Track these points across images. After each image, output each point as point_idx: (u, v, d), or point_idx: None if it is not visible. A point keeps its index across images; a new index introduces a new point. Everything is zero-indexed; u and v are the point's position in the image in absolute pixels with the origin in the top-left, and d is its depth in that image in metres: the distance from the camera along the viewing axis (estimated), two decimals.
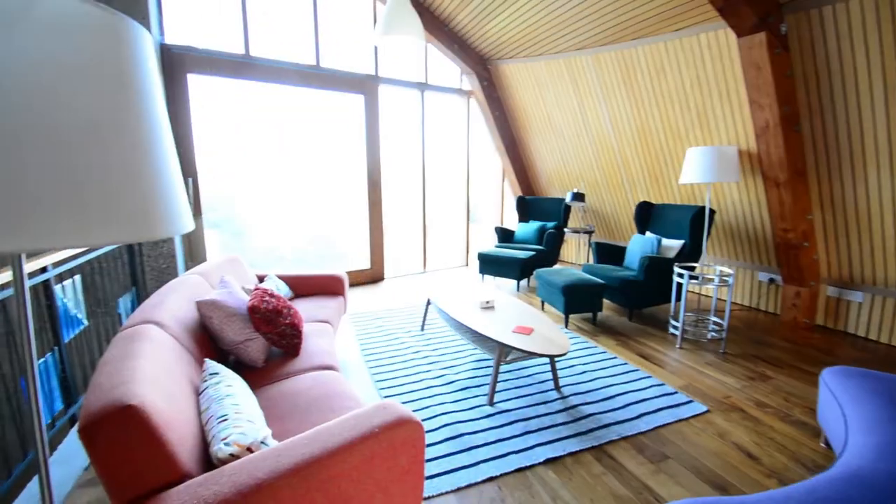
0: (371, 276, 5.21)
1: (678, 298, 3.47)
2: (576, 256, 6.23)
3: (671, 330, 3.49)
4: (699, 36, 3.44)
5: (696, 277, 3.21)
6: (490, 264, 4.87)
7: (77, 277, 2.30)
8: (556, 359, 2.90)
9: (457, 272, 5.81)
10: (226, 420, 1.26)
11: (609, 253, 4.46)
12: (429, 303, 3.46)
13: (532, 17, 4.24)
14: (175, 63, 3.80)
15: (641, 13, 3.56)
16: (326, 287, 3.08)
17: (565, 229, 5.32)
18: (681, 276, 3.26)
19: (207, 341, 1.86)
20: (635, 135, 4.53)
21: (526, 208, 5.75)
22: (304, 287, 3.04)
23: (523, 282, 5.18)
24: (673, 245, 3.94)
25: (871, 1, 2.54)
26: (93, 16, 0.63)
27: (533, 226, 5.34)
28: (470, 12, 4.64)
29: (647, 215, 4.41)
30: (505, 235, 5.50)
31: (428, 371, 2.78)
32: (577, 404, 2.39)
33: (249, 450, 1.17)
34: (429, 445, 2.00)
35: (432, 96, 5.56)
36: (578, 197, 5.18)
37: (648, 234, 4.30)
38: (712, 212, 3.89)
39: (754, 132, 3.34)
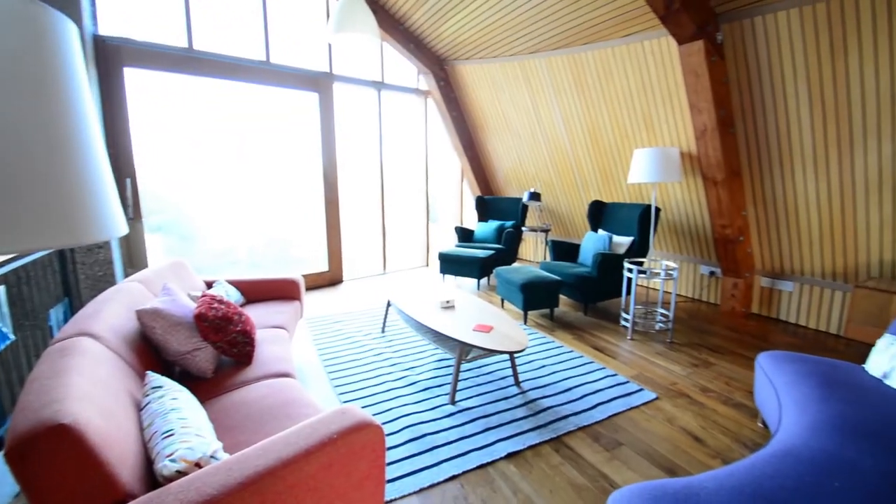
0: (329, 279, 5.09)
1: (628, 292, 3.63)
2: (533, 254, 6.38)
3: (622, 322, 3.65)
4: (643, 43, 3.62)
5: (644, 272, 3.37)
6: (451, 264, 4.89)
7: (1, 288, 2.09)
8: (516, 355, 2.96)
9: (418, 272, 5.79)
10: (171, 435, 1.19)
11: (565, 250, 4.60)
12: (389, 304, 3.42)
13: (486, 19, 4.30)
14: (110, 56, 3.54)
15: (590, 19, 3.70)
16: (281, 291, 2.97)
17: (523, 228, 5.43)
18: (630, 271, 3.42)
19: (150, 353, 1.75)
20: (586, 136, 4.69)
21: (485, 208, 5.82)
22: (258, 292, 2.93)
23: (483, 280, 5.24)
24: (623, 242, 4.12)
25: (796, 13, 2.77)
26: (6, 4, 0.57)
27: (492, 225, 5.42)
28: (425, 12, 4.64)
29: (599, 213, 4.59)
30: (465, 235, 5.54)
31: (389, 373, 2.75)
32: (537, 398, 2.44)
33: (198, 465, 1.11)
34: (391, 448, 1.98)
35: (389, 95, 5.51)
36: (535, 196, 5.30)
37: (601, 231, 4.47)
38: (658, 210, 4.10)
39: (694, 135, 3.55)
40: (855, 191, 3.05)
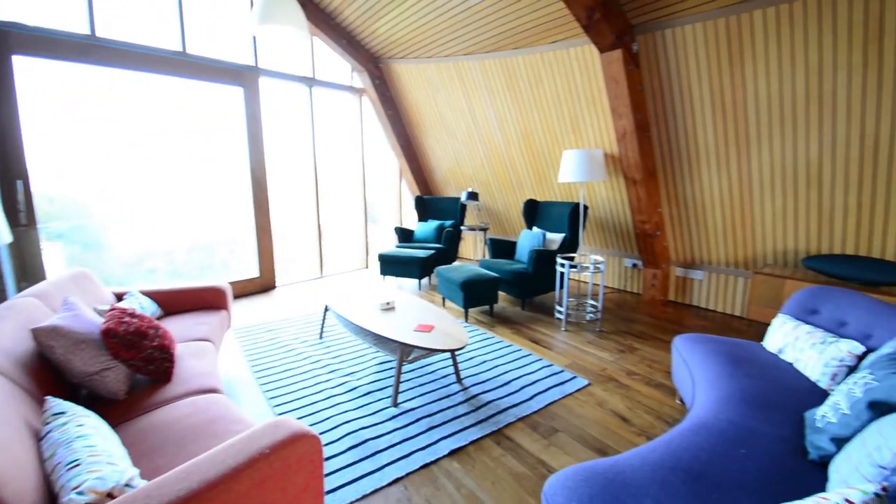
0: (261, 285, 4.83)
1: (561, 286, 3.82)
2: (473, 253, 6.50)
3: (557, 314, 3.83)
4: (569, 50, 3.81)
5: (575, 266, 3.56)
6: (391, 265, 4.84)
7: None
8: (457, 352, 2.99)
9: (357, 275, 5.67)
10: (77, 465, 1.07)
11: (502, 248, 4.73)
12: (327, 309, 3.32)
13: (419, 19, 4.30)
14: None
15: (519, 25, 3.83)
16: (205, 301, 2.77)
17: (462, 227, 5.51)
18: (563, 265, 3.59)
19: (50, 376, 1.55)
20: (520, 137, 4.86)
21: (424, 207, 5.83)
22: (178, 303, 2.70)
23: (424, 280, 5.25)
24: (556, 238, 4.32)
25: (700, 27, 3.06)
26: None
27: (432, 225, 5.44)
28: (357, 9, 4.55)
29: (534, 212, 4.77)
30: (405, 235, 5.51)
31: (328, 380, 2.66)
32: (478, 393, 2.49)
33: (111, 496, 1.00)
34: (331, 457, 1.92)
35: (322, 92, 5.34)
36: (473, 196, 5.40)
37: (535, 229, 4.66)
38: (586, 208, 4.34)
39: (616, 137, 3.81)
40: (752, 187, 3.43)
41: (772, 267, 3.53)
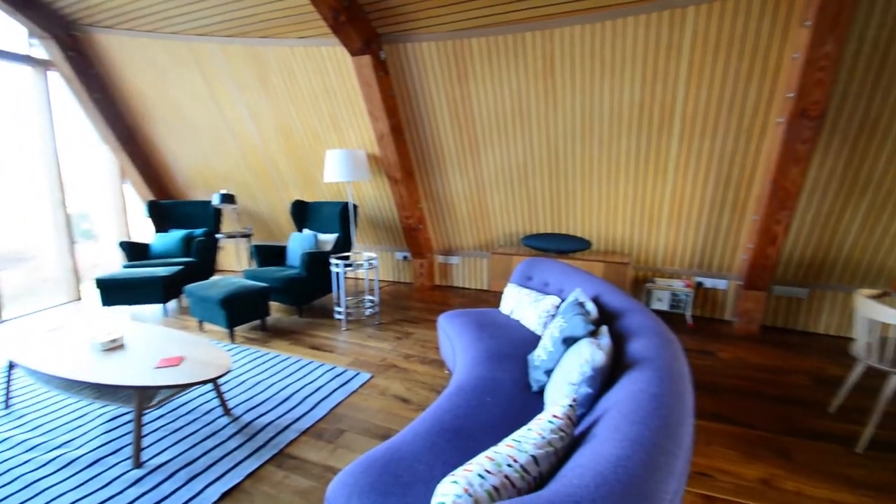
0: None
1: (338, 286, 3.79)
2: (237, 263, 5.79)
3: (336, 315, 3.79)
4: (321, 48, 3.76)
5: (350, 265, 3.59)
6: (117, 291, 3.80)
7: None
8: (221, 380, 2.60)
9: (63, 311, 4.25)
10: None
11: (271, 254, 4.36)
12: (12, 366, 2.35)
13: None
14: None
15: (264, 12, 3.54)
16: None
17: (219, 235, 4.81)
18: (337, 265, 3.57)
19: None
20: (278, 134, 4.55)
21: (163, 215, 4.82)
22: None
23: (172, 304, 4.36)
24: (328, 239, 4.27)
25: (434, 46, 3.46)
26: None
27: (175, 235, 4.54)
28: None
29: (303, 213, 4.58)
30: (137, 251, 4.42)
31: (25, 462, 1.89)
32: (252, 420, 2.22)
33: None
34: None
35: None
36: (228, 198, 4.78)
37: (306, 230, 4.48)
38: (356, 206, 4.44)
39: (375, 139, 4.00)
40: (484, 185, 4.16)
41: (503, 247, 4.39)
